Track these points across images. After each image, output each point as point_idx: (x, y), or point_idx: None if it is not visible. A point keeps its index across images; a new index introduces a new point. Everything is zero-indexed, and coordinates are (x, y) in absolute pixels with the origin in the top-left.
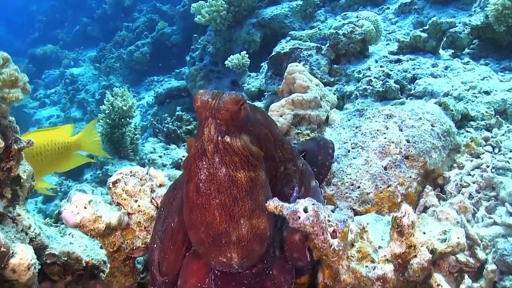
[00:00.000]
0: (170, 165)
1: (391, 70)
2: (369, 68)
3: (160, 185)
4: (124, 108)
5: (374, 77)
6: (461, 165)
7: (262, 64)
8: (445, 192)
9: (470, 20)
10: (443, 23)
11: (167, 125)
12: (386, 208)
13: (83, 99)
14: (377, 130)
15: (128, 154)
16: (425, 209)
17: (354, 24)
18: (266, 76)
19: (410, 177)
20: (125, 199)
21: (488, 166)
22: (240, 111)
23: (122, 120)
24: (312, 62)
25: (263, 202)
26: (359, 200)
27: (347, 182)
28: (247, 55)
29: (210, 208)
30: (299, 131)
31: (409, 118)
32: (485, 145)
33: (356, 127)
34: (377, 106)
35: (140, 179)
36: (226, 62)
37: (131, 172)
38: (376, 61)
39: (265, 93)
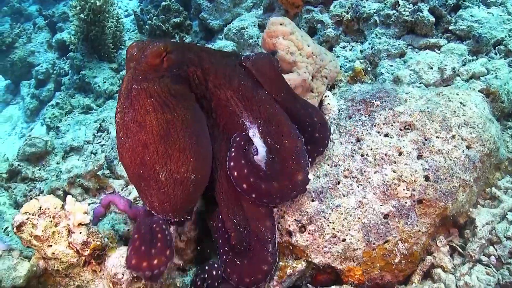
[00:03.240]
0: None
1: None
2: None
3: (80, 224)
4: (98, 3)
5: None
6: (497, 198)
7: None
8: (465, 239)
9: None
10: None
11: (150, 21)
12: (377, 269)
13: None
14: (385, 155)
15: (109, 53)
16: (432, 267)
17: None
18: None
19: (419, 231)
20: (35, 245)
21: None
22: (162, 63)
23: (99, 16)
24: None
25: (187, 143)
26: (341, 256)
27: (328, 234)
28: None
29: (123, 151)
30: None
31: (437, 137)
32: None
33: (357, 140)
34: (393, 105)
35: (53, 218)
36: None
37: (40, 209)
38: None
39: None
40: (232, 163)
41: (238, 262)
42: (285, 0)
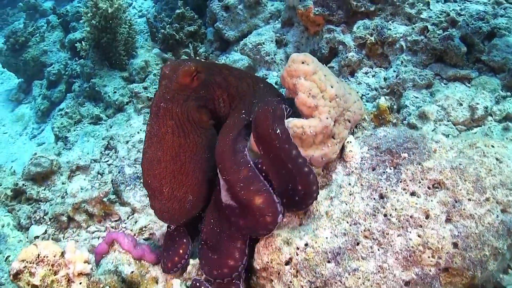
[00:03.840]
0: None
1: (460, 14)
2: (428, 3)
3: (80, 274)
4: (110, 10)
5: (433, 24)
6: None
7: None
8: None
9: None
10: None
11: (163, 29)
12: None
13: None
14: (410, 217)
15: (121, 61)
16: None
17: None
18: None
19: None
20: None
21: None
22: (192, 82)
23: (110, 22)
24: None
25: (191, 168)
26: None
27: None
28: None
29: (144, 159)
30: None
31: (469, 199)
32: None
33: (381, 196)
34: (422, 159)
35: (52, 266)
36: None
37: (38, 257)
38: None
39: (282, 5)
40: None
41: (209, 255)
42: (305, 17)
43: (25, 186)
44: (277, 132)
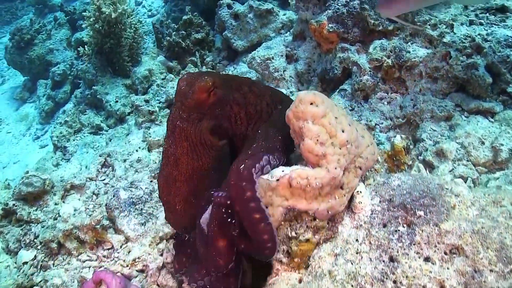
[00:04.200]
0: (161, 104)
1: (486, 39)
2: (451, 26)
3: None
4: (114, 15)
5: (456, 49)
6: None
7: None
8: None
9: None
10: None
11: (168, 37)
12: None
13: None
14: None
15: (124, 67)
16: None
17: None
18: None
19: None
20: None
21: None
22: (209, 97)
23: (114, 27)
24: None
25: (202, 191)
26: None
27: None
28: None
29: (161, 175)
30: (293, 233)
31: (490, 270)
32: None
33: (391, 259)
34: (439, 219)
35: None
36: None
37: None
38: (466, 7)
39: (295, 15)
40: None
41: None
42: (318, 33)
43: (16, 206)
44: (240, 167)
